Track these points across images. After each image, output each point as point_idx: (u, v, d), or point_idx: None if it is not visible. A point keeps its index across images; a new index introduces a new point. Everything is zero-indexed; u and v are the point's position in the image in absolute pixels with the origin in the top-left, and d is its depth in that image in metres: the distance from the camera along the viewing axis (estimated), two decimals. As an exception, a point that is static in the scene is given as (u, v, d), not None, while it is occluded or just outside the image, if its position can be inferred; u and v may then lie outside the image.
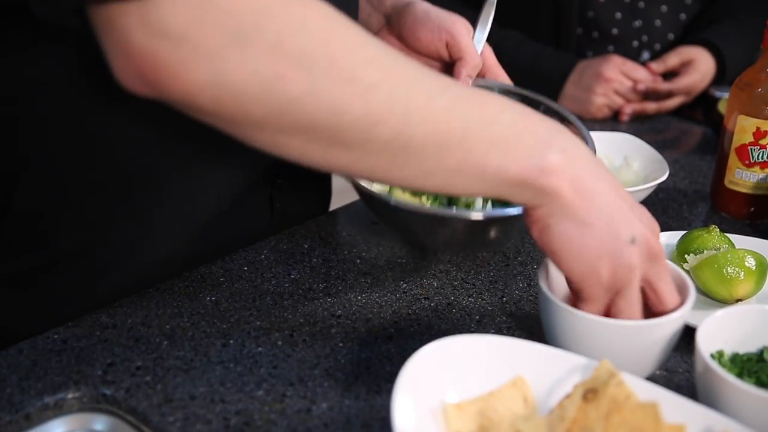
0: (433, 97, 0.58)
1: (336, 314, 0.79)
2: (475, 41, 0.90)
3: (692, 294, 0.68)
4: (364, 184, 0.78)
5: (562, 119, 0.88)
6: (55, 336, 0.73)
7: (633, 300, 0.65)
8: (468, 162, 0.60)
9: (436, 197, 0.86)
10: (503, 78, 0.93)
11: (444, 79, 0.61)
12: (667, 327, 0.66)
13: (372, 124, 0.56)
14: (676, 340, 0.68)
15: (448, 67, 0.91)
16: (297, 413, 0.66)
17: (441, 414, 0.59)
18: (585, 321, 0.66)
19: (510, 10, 1.48)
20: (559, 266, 0.65)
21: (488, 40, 1.42)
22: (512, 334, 0.77)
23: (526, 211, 0.65)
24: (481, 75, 0.92)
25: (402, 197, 0.84)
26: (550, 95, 1.41)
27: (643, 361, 0.67)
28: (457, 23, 0.89)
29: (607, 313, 0.67)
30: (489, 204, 0.84)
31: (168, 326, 0.75)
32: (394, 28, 0.92)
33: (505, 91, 0.92)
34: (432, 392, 0.60)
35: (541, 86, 1.41)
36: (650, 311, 0.68)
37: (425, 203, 0.85)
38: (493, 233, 0.81)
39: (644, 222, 0.65)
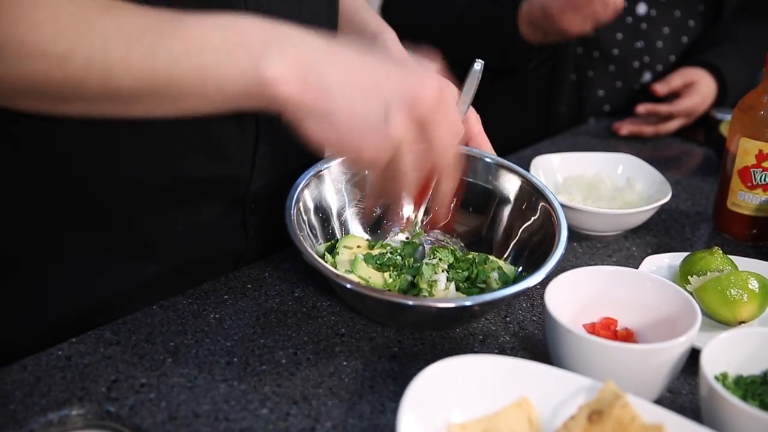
0: (132, 46, 0.61)
1: (340, 333, 0.79)
2: (458, 106, 0.85)
3: (698, 319, 0.68)
4: (322, 265, 0.75)
5: (540, 195, 0.86)
6: (59, 352, 0.73)
7: (403, 166, 0.66)
8: (186, 92, 0.63)
9: (399, 274, 0.83)
10: (487, 147, 0.89)
11: (150, 19, 0.63)
12: (673, 350, 0.66)
13: (76, 86, 0.61)
14: (682, 363, 0.68)
15: None
16: (301, 432, 0.66)
17: (446, 434, 0.60)
18: (592, 344, 0.66)
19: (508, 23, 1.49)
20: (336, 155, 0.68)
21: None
22: (516, 355, 0.77)
23: (283, 118, 0.66)
24: (464, 142, 0.88)
25: (365, 273, 0.82)
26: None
27: (650, 384, 0.67)
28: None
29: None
30: (452, 285, 0.81)
31: (172, 343, 0.75)
32: None
33: (488, 162, 0.89)
34: (437, 412, 0.60)
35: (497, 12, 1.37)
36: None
37: (388, 280, 0.82)
38: (456, 319, 0.79)
39: (412, 87, 0.65)
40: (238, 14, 0.65)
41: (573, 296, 0.75)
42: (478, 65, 0.85)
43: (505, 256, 0.87)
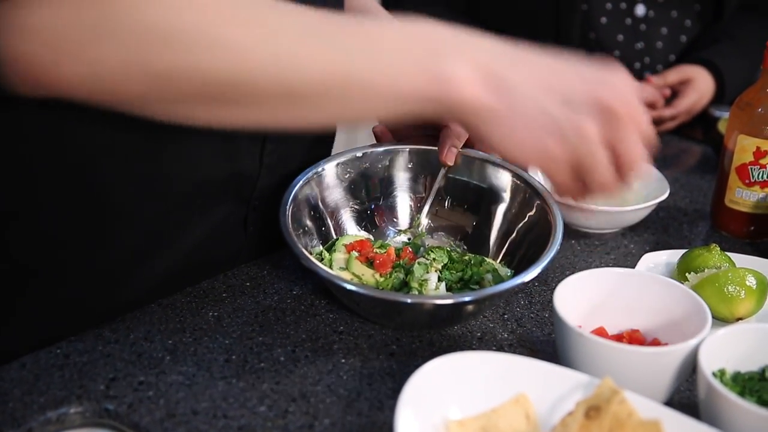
0: (312, 42, 0.60)
1: (338, 330, 0.79)
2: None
3: (708, 319, 0.68)
4: (317, 266, 0.75)
5: (536, 192, 0.85)
6: (58, 350, 0.73)
7: (596, 171, 0.64)
8: (362, 90, 0.61)
9: (391, 274, 0.82)
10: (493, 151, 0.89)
11: (322, 16, 0.61)
12: (684, 352, 0.66)
13: (260, 80, 0.58)
14: (692, 365, 0.68)
15: (434, 136, 0.88)
16: (299, 429, 0.66)
17: (444, 431, 0.60)
18: (601, 346, 0.66)
19: (511, 30, 1.49)
20: (513, 162, 0.65)
21: None
22: (514, 351, 0.77)
23: (460, 126, 0.65)
24: (468, 145, 0.88)
25: (359, 270, 0.82)
26: None
27: (660, 386, 0.67)
28: None
29: None
30: (443, 284, 0.81)
31: (170, 341, 0.75)
32: None
33: (492, 165, 0.89)
34: (435, 409, 0.60)
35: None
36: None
37: (379, 280, 0.82)
38: (451, 316, 0.79)
39: (595, 83, 0.63)
40: (414, 19, 0.63)
41: (581, 298, 0.74)
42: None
43: (502, 254, 0.87)
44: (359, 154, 0.89)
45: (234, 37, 0.58)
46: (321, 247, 0.86)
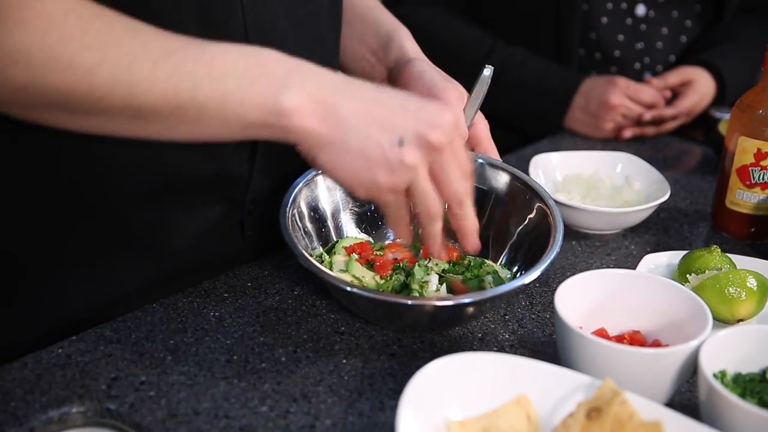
0: (158, 65, 0.62)
1: (339, 330, 0.79)
2: (466, 111, 0.85)
3: (709, 320, 0.68)
4: (318, 268, 0.75)
5: (536, 194, 0.85)
6: (60, 350, 0.73)
7: (423, 201, 0.68)
8: (206, 116, 0.64)
9: (391, 276, 0.83)
10: (493, 153, 0.89)
11: (175, 42, 0.64)
12: (686, 353, 0.66)
13: (99, 99, 0.62)
14: (693, 366, 0.68)
15: None
16: (301, 429, 0.66)
17: (445, 431, 0.60)
18: (602, 347, 0.66)
19: (511, 30, 1.49)
20: (346, 189, 0.71)
21: (493, 58, 1.43)
22: (515, 352, 0.77)
23: (297, 149, 0.68)
24: (470, 147, 0.87)
25: (360, 272, 0.82)
26: (555, 113, 1.42)
27: (661, 387, 0.67)
28: (449, 90, 0.84)
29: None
30: (444, 286, 0.81)
31: (172, 341, 0.76)
32: (393, 84, 0.91)
33: (494, 167, 0.88)
34: (436, 409, 0.60)
35: (546, 104, 1.42)
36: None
37: (380, 282, 0.82)
38: (452, 318, 0.79)
39: (418, 119, 0.67)
40: (260, 47, 0.67)
41: (582, 300, 0.74)
42: (488, 71, 0.85)
43: (502, 256, 0.87)
44: None
45: (72, 58, 0.61)
46: (321, 249, 0.86)
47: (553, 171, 1.13)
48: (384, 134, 0.66)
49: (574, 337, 0.68)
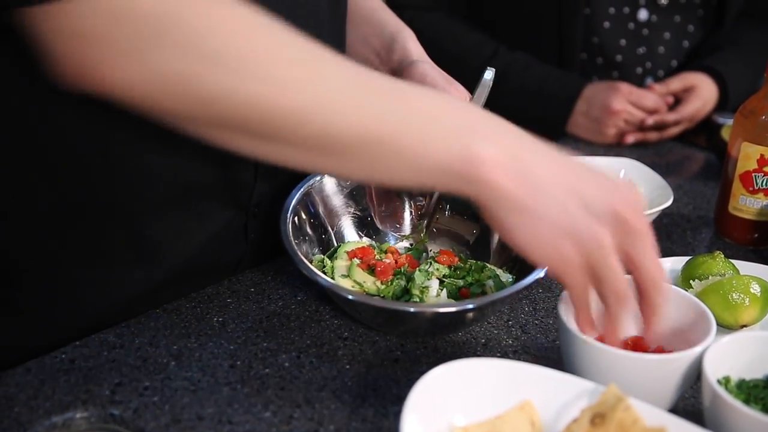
0: (358, 95, 0.61)
1: (343, 336, 0.79)
2: None
3: (713, 327, 0.68)
4: (320, 275, 0.75)
5: None
6: (63, 355, 0.73)
7: (613, 280, 0.62)
8: (396, 156, 0.61)
9: (392, 281, 0.83)
10: None
11: (368, 75, 0.63)
12: (689, 359, 0.66)
13: (297, 121, 0.59)
14: (696, 372, 0.68)
15: None
16: (304, 435, 0.66)
17: (449, 437, 0.60)
18: (605, 353, 0.66)
19: (514, 34, 1.50)
20: (525, 257, 0.63)
21: (495, 64, 1.43)
22: (518, 358, 0.77)
23: (483, 213, 0.64)
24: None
25: (361, 278, 0.82)
26: (558, 118, 1.42)
27: (665, 393, 0.67)
28: (451, 92, 0.84)
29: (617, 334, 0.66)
30: (444, 291, 0.82)
31: (175, 347, 0.76)
32: None
33: None
34: (440, 415, 0.60)
35: (549, 109, 1.42)
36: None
37: (380, 287, 0.82)
38: (453, 323, 0.79)
39: (613, 193, 0.62)
40: (447, 94, 0.65)
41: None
42: (490, 74, 0.85)
43: (504, 260, 0.87)
44: None
45: (278, 73, 0.58)
46: (322, 255, 0.86)
47: (556, 176, 1.12)
48: (575, 203, 0.61)
49: (577, 343, 0.68)
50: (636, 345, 0.74)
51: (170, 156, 0.76)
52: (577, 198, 0.61)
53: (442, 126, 0.61)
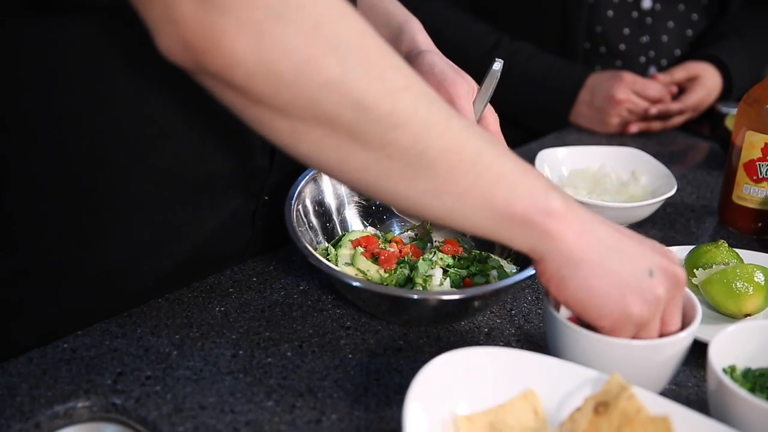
0: (451, 117, 0.60)
1: (345, 326, 0.79)
2: (475, 105, 0.84)
3: (699, 313, 0.68)
4: (324, 262, 0.75)
5: None
6: (65, 345, 0.73)
7: (654, 330, 0.65)
8: (477, 188, 0.60)
9: (396, 270, 0.82)
10: None
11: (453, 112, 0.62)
12: (674, 346, 0.66)
13: (393, 126, 0.57)
14: (682, 359, 0.68)
15: None
16: (307, 424, 0.66)
17: (452, 426, 0.59)
18: (592, 340, 0.66)
19: (517, 24, 1.49)
20: (587, 316, 0.64)
21: (499, 54, 1.42)
22: (521, 347, 0.77)
23: (537, 267, 0.64)
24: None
25: (364, 266, 0.82)
26: (561, 108, 1.42)
27: (652, 379, 0.67)
28: (458, 83, 0.83)
29: None
30: (447, 280, 0.81)
31: (177, 336, 0.75)
32: None
33: None
34: (443, 404, 0.60)
35: (552, 99, 1.41)
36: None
37: (384, 276, 0.82)
38: (457, 311, 0.79)
39: (659, 252, 0.65)
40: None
41: None
42: (498, 65, 0.84)
43: (508, 251, 0.87)
44: None
45: (389, 75, 0.57)
46: (327, 243, 0.85)
47: (559, 166, 1.12)
48: (638, 261, 0.63)
49: (562, 329, 0.67)
50: None
51: (194, 147, 0.75)
52: (637, 258, 0.63)
53: (525, 173, 0.62)
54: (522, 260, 0.84)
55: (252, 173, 0.82)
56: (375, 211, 0.90)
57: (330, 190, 0.88)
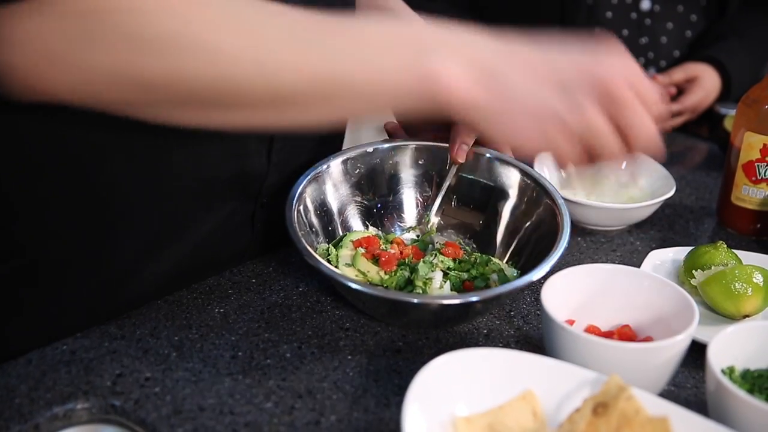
0: (301, 43, 0.60)
1: (344, 327, 0.79)
2: None
3: (696, 315, 0.68)
4: (324, 263, 0.75)
5: (543, 190, 0.84)
6: (64, 347, 0.73)
7: (609, 144, 0.63)
8: (349, 90, 0.61)
9: (396, 272, 0.82)
10: (503, 149, 0.87)
11: (313, 20, 0.62)
12: (673, 348, 0.66)
13: (247, 88, 0.59)
14: (681, 360, 0.68)
15: (446, 132, 0.87)
16: (306, 425, 0.66)
17: (451, 427, 0.60)
18: (589, 343, 0.66)
19: (515, 24, 1.49)
20: (520, 154, 0.65)
21: None
22: (520, 348, 0.77)
23: (451, 116, 0.64)
24: (480, 143, 0.86)
25: (365, 267, 0.82)
26: None
27: (649, 381, 0.67)
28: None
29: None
30: (447, 283, 0.81)
31: (177, 338, 0.75)
32: None
33: (503, 163, 0.87)
34: (441, 405, 0.60)
35: None
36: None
37: (384, 277, 0.82)
38: (457, 315, 0.78)
39: (590, 68, 0.63)
40: (406, 20, 0.65)
41: (570, 294, 0.74)
42: None
43: (509, 253, 0.87)
44: (368, 150, 0.88)
45: (218, 44, 0.58)
46: (327, 244, 0.85)
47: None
48: (550, 89, 0.61)
49: (559, 332, 0.67)
50: (622, 334, 0.74)
51: (190, 149, 0.75)
52: (551, 84, 0.62)
53: (394, 53, 0.62)
54: (523, 262, 0.84)
55: (249, 175, 0.82)
56: (376, 212, 0.90)
57: (333, 190, 0.87)
